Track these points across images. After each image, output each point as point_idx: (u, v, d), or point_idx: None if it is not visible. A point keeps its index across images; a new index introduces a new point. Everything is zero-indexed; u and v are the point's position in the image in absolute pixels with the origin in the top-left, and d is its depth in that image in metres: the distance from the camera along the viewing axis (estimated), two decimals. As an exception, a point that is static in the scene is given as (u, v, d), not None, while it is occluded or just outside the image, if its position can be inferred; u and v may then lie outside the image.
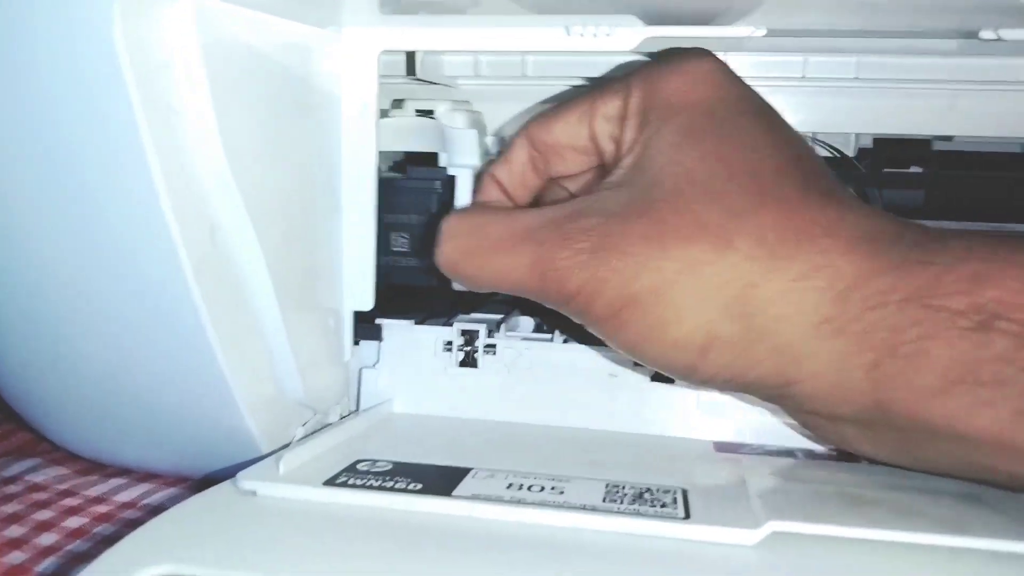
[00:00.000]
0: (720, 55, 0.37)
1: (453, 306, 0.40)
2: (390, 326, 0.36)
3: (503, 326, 0.38)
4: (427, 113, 0.38)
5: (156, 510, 0.31)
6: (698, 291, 0.25)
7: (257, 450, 0.31)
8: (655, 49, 0.37)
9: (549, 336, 0.37)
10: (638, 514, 0.24)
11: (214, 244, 0.28)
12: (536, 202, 0.34)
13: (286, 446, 0.32)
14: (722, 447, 0.32)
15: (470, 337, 0.35)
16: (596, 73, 0.38)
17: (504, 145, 0.35)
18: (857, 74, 0.37)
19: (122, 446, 0.34)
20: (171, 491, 0.33)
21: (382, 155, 0.36)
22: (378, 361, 0.36)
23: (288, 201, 0.31)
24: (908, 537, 0.23)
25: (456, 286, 0.36)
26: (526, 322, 0.42)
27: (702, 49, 0.30)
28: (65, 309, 0.28)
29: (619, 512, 0.24)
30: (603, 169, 0.32)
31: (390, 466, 0.28)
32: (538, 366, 0.35)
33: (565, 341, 0.36)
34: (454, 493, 0.26)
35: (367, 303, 0.35)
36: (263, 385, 0.31)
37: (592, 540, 0.24)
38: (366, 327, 0.36)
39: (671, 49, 0.31)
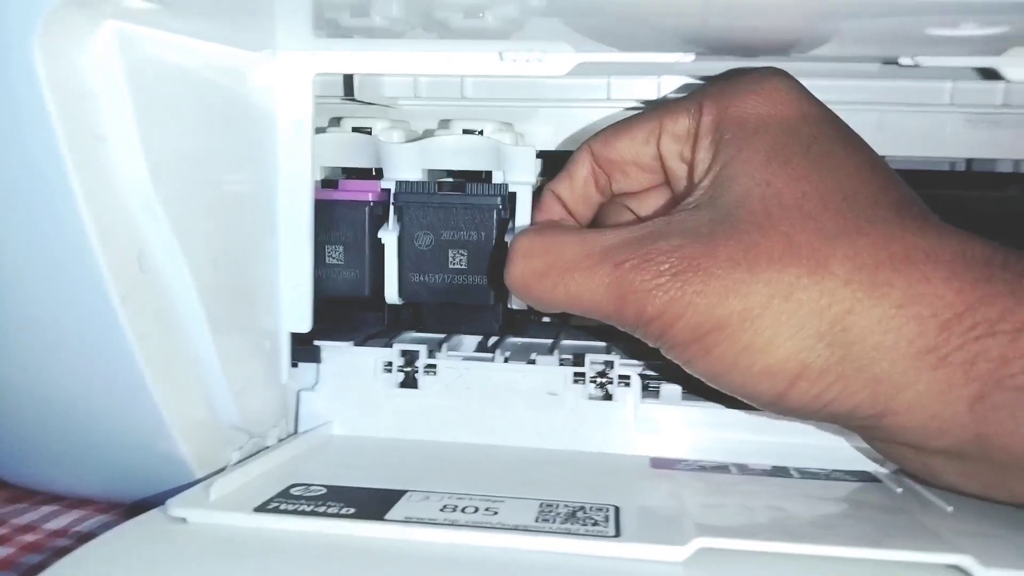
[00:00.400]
0: (653, 78, 0.38)
1: (392, 325, 0.41)
2: (329, 347, 0.36)
3: (444, 345, 0.38)
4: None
5: (87, 538, 0.31)
6: (791, 317, 0.25)
7: (190, 475, 0.31)
8: (582, 74, 0.38)
9: (491, 356, 0.37)
10: (569, 533, 0.25)
11: (142, 269, 0.27)
12: (596, 221, 0.34)
13: (221, 471, 0.31)
14: (658, 463, 0.33)
15: (410, 357, 0.35)
16: (533, 96, 0.39)
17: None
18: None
19: (52, 472, 0.33)
20: (104, 517, 0.32)
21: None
22: (317, 383, 0.36)
23: (219, 223, 0.31)
24: (830, 551, 0.24)
25: (515, 303, 0.36)
26: (469, 341, 0.42)
27: (776, 68, 0.30)
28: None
29: (550, 532, 0.25)
30: (668, 188, 0.31)
31: (324, 490, 0.28)
32: (478, 386, 0.35)
33: (506, 360, 0.37)
34: (387, 517, 0.26)
35: (305, 324, 0.35)
36: (195, 409, 0.31)
37: (524, 560, 0.24)
38: (304, 348, 0.36)
39: (741, 69, 0.31)
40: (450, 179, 0.39)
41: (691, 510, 0.27)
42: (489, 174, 0.37)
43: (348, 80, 0.38)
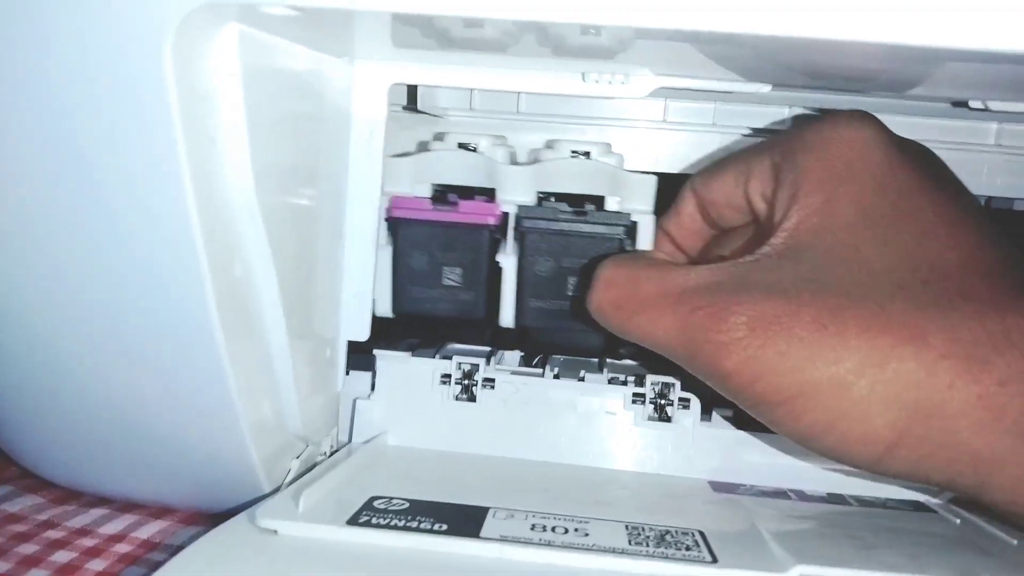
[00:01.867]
0: (710, 104, 0.39)
1: (440, 337, 0.40)
2: (385, 356, 0.36)
3: (492, 359, 0.38)
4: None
5: (147, 544, 0.30)
6: (887, 387, 0.24)
7: (257, 483, 0.30)
8: (664, 95, 0.38)
9: (540, 371, 0.37)
10: (666, 557, 0.25)
11: (235, 272, 0.27)
12: (706, 252, 0.34)
13: (281, 482, 0.31)
14: (719, 487, 0.33)
15: (469, 370, 0.35)
16: (585, 113, 0.39)
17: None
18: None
19: (109, 474, 0.32)
20: (160, 523, 0.31)
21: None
22: (373, 392, 0.36)
23: (301, 228, 0.30)
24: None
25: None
26: (511, 356, 0.42)
27: (863, 112, 0.29)
28: (74, 332, 0.27)
29: (648, 556, 0.25)
30: (760, 227, 0.31)
31: (407, 504, 0.28)
32: (534, 401, 0.35)
33: (556, 376, 0.37)
34: (481, 534, 0.25)
35: (363, 333, 0.35)
36: (266, 415, 0.30)
37: (625, 583, 0.24)
38: (359, 357, 0.36)
39: (827, 112, 0.31)
40: (558, 201, 0.38)
41: (773, 536, 0.27)
42: (602, 199, 0.36)
43: (412, 90, 0.38)
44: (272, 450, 0.31)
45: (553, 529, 0.26)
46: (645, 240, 0.35)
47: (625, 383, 0.36)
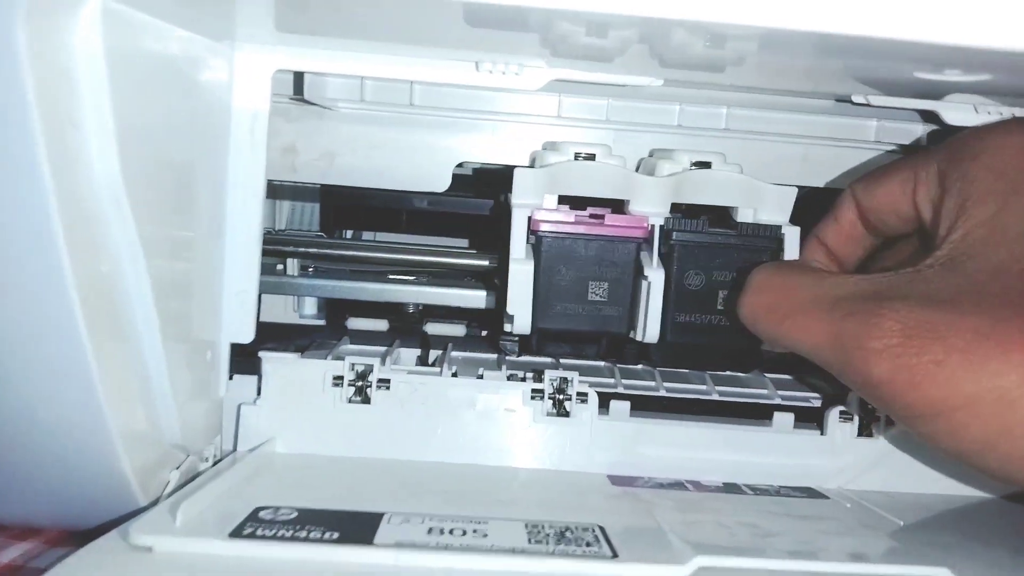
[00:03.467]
0: (603, 100, 0.39)
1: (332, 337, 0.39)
2: (272, 359, 0.34)
3: (388, 359, 0.37)
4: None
5: (8, 568, 0.27)
6: None
7: (132, 496, 0.28)
8: (558, 90, 0.37)
9: (438, 370, 0.36)
10: (567, 554, 0.24)
11: (100, 268, 0.25)
12: (864, 263, 0.33)
13: (159, 495, 0.29)
14: (617, 480, 0.33)
15: (363, 371, 0.34)
16: (483, 107, 0.39)
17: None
18: (727, 124, 0.39)
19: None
20: (23, 545, 0.29)
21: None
22: (259, 397, 0.34)
23: (176, 223, 0.28)
24: (823, 567, 0.25)
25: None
26: (408, 354, 0.41)
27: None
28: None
29: (548, 554, 0.24)
30: (924, 235, 0.30)
31: (295, 513, 0.26)
32: (432, 401, 0.34)
33: (454, 375, 0.36)
34: (375, 541, 0.24)
35: (247, 335, 0.33)
36: (139, 423, 0.28)
37: (526, 584, 0.23)
38: (244, 360, 0.34)
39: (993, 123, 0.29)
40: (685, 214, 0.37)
41: (672, 528, 0.27)
42: (735, 210, 0.36)
43: (299, 79, 0.36)
44: (148, 461, 0.29)
45: (451, 532, 0.25)
46: (792, 252, 0.35)
47: (524, 379, 0.35)
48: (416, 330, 0.43)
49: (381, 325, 0.43)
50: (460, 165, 0.41)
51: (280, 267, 0.43)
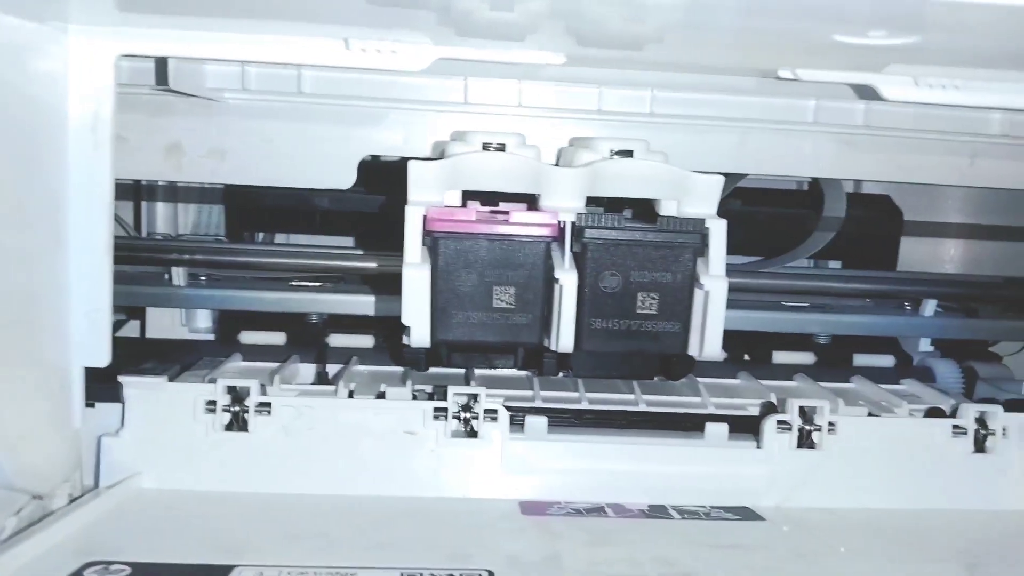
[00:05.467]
0: (518, 83, 0.35)
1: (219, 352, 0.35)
2: (135, 384, 0.30)
3: (277, 377, 0.33)
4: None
5: None
6: None
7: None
8: (464, 73, 0.34)
9: (332, 389, 0.32)
10: (441, 614, 0.21)
11: None
12: None
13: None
14: (528, 508, 0.29)
15: (238, 394, 0.30)
16: (381, 94, 0.35)
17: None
18: (652, 109, 0.36)
19: None
20: None
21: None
22: (122, 427, 0.30)
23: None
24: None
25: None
26: (306, 370, 0.37)
27: None
28: None
29: (419, 613, 0.21)
30: None
31: (128, 570, 0.22)
32: (322, 426, 0.30)
33: (351, 394, 0.32)
34: (212, 605, 0.20)
35: (102, 358, 0.29)
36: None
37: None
38: (103, 386, 0.30)
39: None
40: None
41: (574, 570, 0.24)
42: (655, 203, 0.32)
43: (162, 66, 0.32)
44: (-27, 509, 0.25)
45: (308, 588, 0.22)
46: (718, 248, 0.31)
47: (431, 396, 0.32)
48: (319, 343, 0.39)
49: (278, 338, 0.39)
50: (375, 158, 0.37)
51: (167, 276, 0.39)
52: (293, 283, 0.39)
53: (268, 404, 0.30)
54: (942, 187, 0.48)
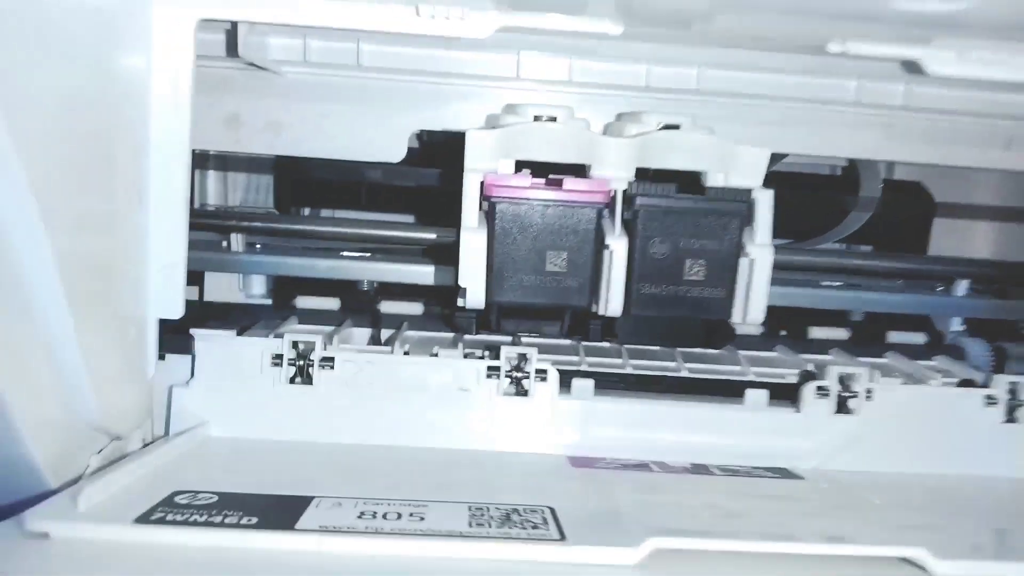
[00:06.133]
0: (568, 60, 0.36)
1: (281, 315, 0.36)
2: (206, 337, 0.32)
3: (335, 337, 0.34)
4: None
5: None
6: None
7: (43, 483, 0.26)
8: (517, 47, 0.35)
9: (390, 348, 0.34)
10: (509, 537, 0.22)
11: (-9, 233, 0.22)
12: None
13: (77, 480, 0.26)
14: (578, 462, 0.31)
15: (304, 349, 0.31)
16: (437, 68, 0.36)
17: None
18: (699, 85, 0.37)
19: None
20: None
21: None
22: (192, 378, 0.31)
23: (83, 188, 0.26)
24: (784, 548, 0.22)
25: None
26: (360, 333, 0.38)
27: None
28: None
29: (489, 536, 0.22)
30: None
31: (215, 498, 0.24)
32: (381, 381, 0.32)
33: (406, 354, 0.34)
34: (297, 526, 0.22)
35: (176, 310, 0.31)
36: (48, 406, 0.26)
37: (464, 568, 0.21)
38: (176, 338, 0.32)
39: None
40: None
41: (629, 510, 0.25)
42: (704, 175, 0.33)
43: (232, 37, 0.34)
44: (61, 445, 0.26)
45: (384, 516, 0.23)
46: (764, 218, 0.33)
47: (482, 357, 0.33)
48: (370, 309, 0.40)
49: (332, 304, 0.40)
50: (422, 134, 0.39)
51: (225, 243, 0.40)
52: (344, 253, 0.41)
53: (331, 359, 0.32)
54: (975, 173, 0.49)
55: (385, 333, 0.39)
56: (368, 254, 0.41)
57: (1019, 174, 0.45)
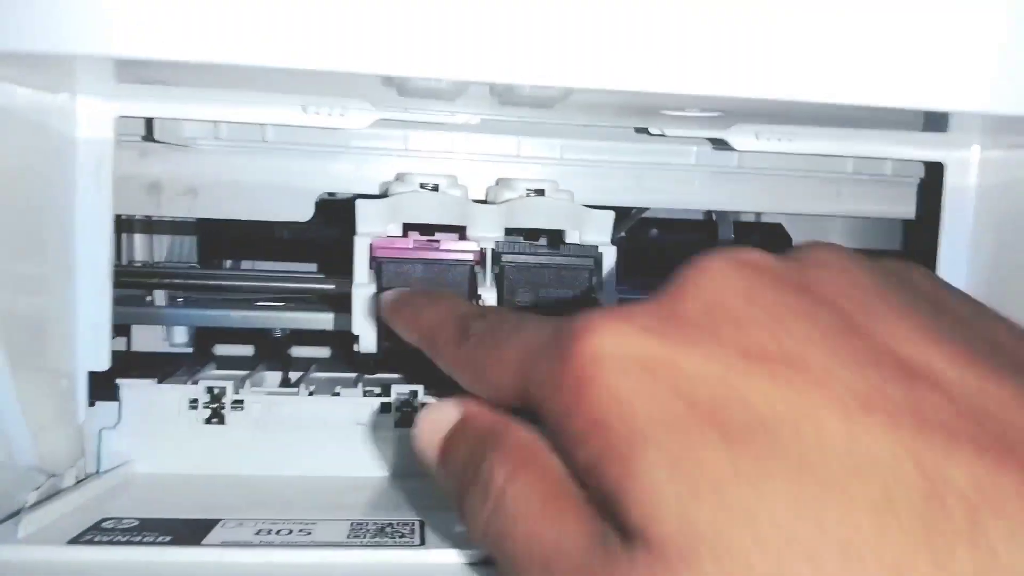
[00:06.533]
0: (450, 134, 0.42)
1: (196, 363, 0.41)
2: (130, 385, 0.36)
3: (248, 381, 0.39)
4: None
5: None
6: None
7: (-15, 518, 0.30)
8: (404, 127, 0.41)
9: (295, 390, 0.38)
10: (379, 545, 0.27)
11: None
12: None
13: (18, 512, 0.31)
14: (456, 482, 0.36)
15: (217, 393, 0.36)
16: (335, 142, 0.42)
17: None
18: (562, 155, 0.43)
19: None
20: None
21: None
22: (119, 421, 0.36)
23: (19, 259, 0.31)
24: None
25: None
26: (272, 376, 0.43)
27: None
28: None
29: (362, 546, 0.27)
30: None
31: (136, 523, 0.28)
32: (287, 419, 0.37)
33: (311, 394, 0.38)
34: (203, 542, 0.27)
35: (102, 363, 0.35)
36: (-9, 451, 0.30)
37: (338, 573, 0.26)
38: (104, 388, 0.36)
39: None
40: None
41: (487, 519, 0.30)
42: (562, 233, 0.40)
43: (150, 121, 0.39)
44: (3, 485, 0.31)
45: (277, 532, 0.28)
46: (610, 269, 0.39)
47: (380, 394, 0.38)
48: (282, 354, 0.45)
49: (247, 350, 0.45)
50: (331, 195, 0.44)
51: (149, 298, 0.45)
52: (259, 303, 0.46)
53: (241, 401, 0.36)
54: (823, 217, 0.56)
55: (295, 375, 0.43)
56: (280, 303, 0.46)
57: (855, 219, 0.53)
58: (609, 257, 0.39)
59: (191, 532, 0.28)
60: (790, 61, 0.25)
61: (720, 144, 0.39)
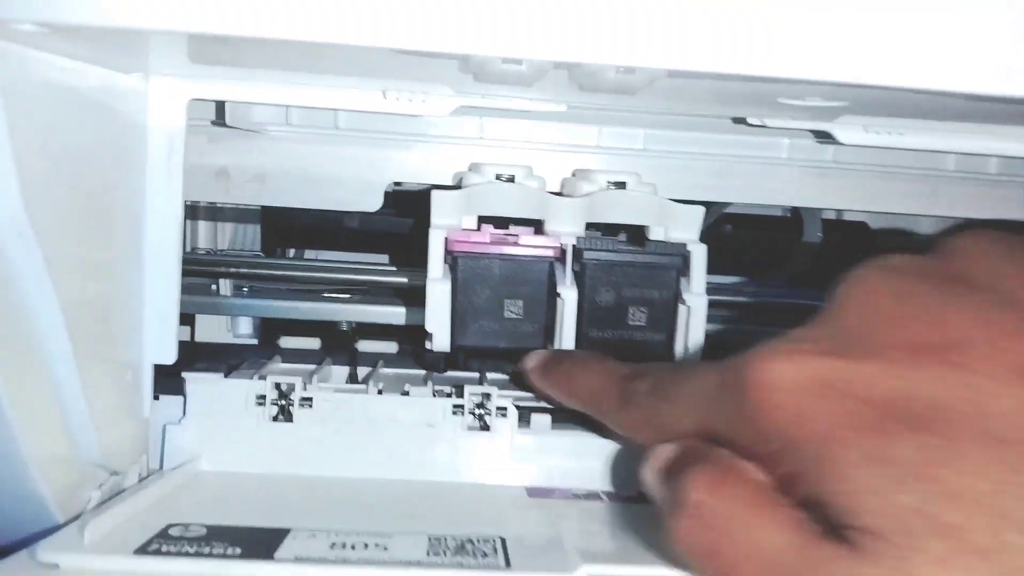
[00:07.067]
0: (527, 122, 0.40)
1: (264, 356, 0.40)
2: (196, 379, 0.35)
3: (315, 377, 0.38)
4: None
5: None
6: None
7: (50, 515, 0.29)
8: (480, 114, 0.38)
9: (364, 387, 0.37)
10: (461, 566, 0.25)
11: (9, 296, 0.26)
12: None
13: (81, 512, 0.30)
14: (534, 492, 0.34)
15: (285, 390, 0.35)
16: (408, 129, 0.40)
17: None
18: (645, 145, 0.41)
19: None
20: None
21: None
22: (183, 416, 0.35)
23: (88, 246, 0.29)
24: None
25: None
26: (339, 371, 0.42)
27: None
28: None
29: (443, 565, 0.25)
30: None
31: (204, 530, 0.27)
32: (356, 418, 0.35)
33: (380, 392, 0.37)
34: (276, 556, 0.25)
35: (169, 356, 0.34)
36: (56, 444, 0.29)
37: (418, 594, 0.24)
38: (168, 381, 0.35)
39: None
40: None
41: (573, 538, 0.28)
42: (647, 228, 0.37)
43: (220, 106, 0.37)
44: (67, 481, 0.29)
45: (352, 546, 0.26)
46: (699, 269, 0.36)
47: (449, 395, 0.36)
48: (349, 347, 0.44)
49: (313, 343, 0.44)
50: (398, 184, 0.42)
51: (214, 287, 0.44)
52: (326, 295, 0.44)
53: (310, 399, 0.35)
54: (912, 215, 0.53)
55: (363, 370, 0.42)
56: (347, 295, 0.44)
57: (947, 218, 0.49)
58: (699, 256, 0.36)
59: (261, 543, 0.26)
60: (934, 49, 0.22)
61: (823, 136, 0.36)
